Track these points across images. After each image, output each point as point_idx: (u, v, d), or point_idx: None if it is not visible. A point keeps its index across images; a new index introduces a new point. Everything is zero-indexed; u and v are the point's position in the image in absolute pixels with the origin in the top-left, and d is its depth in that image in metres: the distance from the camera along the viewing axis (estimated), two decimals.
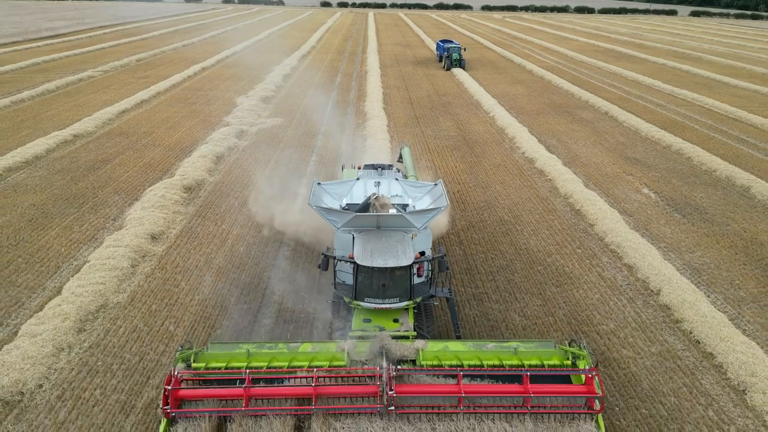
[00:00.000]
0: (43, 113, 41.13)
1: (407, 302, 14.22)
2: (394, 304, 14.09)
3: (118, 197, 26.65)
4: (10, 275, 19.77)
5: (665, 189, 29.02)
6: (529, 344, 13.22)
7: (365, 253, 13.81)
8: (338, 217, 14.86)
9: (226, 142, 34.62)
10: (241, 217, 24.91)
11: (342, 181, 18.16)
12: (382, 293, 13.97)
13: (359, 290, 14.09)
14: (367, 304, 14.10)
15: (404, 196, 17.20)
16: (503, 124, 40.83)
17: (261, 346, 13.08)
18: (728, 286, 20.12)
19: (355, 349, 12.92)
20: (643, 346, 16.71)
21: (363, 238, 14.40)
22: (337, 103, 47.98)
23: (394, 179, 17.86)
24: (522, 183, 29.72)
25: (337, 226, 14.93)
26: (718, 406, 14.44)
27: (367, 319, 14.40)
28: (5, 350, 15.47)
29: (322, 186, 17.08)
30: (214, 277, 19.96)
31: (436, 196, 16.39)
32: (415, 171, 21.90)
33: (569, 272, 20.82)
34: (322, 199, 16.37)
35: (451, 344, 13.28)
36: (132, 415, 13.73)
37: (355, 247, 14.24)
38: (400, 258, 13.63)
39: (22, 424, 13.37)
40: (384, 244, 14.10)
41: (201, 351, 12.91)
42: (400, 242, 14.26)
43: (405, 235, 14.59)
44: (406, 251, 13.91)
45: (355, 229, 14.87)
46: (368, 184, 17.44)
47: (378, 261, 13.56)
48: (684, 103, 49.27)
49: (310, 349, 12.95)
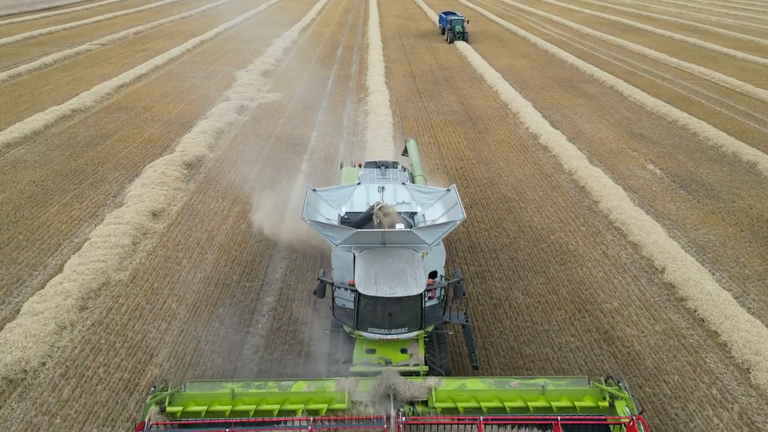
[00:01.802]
0: (40, 88, 40.58)
1: (417, 332, 12.40)
2: (402, 335, 12.27)
3: (118, 173, 26.40)
4: (11, 252, 19.66)
5: (671, 165, 28.69)
6: (559, 381, 11.41)
7: (368, 278, 11.86)
8: (337, 233, 12.73)
9: (226, 117, 34.19)
10: (242, 193, 24.68)
11: (340, 186, 15.78)
12: (388, 323, 12.14)
13: (362, 319, 12.27)
14: (371, 335, 12.30)
15: (412, 203, 15.13)
16: (507, 98, 40.25)
17: (248, 385, 11.24)
18: (733, 264, 19.99)
19: (358, 389, 11.17)
20: (647, 325, 16.65)
21: (365, 259, 12.38)
22: (338, 77, 47.28)
23: (400, 183, 15.75)
24: (526, 159, 29.39)
25: (336, 243, 12.76)
26: (722, 385, 14.43)
27: (371, 350, 12.60)
28: (7, 328, 15.45)
29: (317, 193, 14.78)
30: (216, 255, 19.84)
31: (449, 204, 14.32)
32: (422, 169, 19.38)
33: (573, 250, 20.67)
34: (318, 208, 14.28)
35: (469, 381, 11.40)
36: (136, 393, 13.75)
37: (357, 270, 12.24)
38: (409, 285, 11.67)
39: (26, 402, 13.40)
40: (390, 267, 12.16)
41: (178, 391, 11.04)
42: (410, 264, 12.27)
43: (415, 255, 12.59)
44: (417, 276, 11.94)
45: (356, 247, 12.82)
46: (371, 190, 15.39)
47: (384, 289, 11.61)
48: (690, 77, 48.49)
49: (305, 389, 11.17)
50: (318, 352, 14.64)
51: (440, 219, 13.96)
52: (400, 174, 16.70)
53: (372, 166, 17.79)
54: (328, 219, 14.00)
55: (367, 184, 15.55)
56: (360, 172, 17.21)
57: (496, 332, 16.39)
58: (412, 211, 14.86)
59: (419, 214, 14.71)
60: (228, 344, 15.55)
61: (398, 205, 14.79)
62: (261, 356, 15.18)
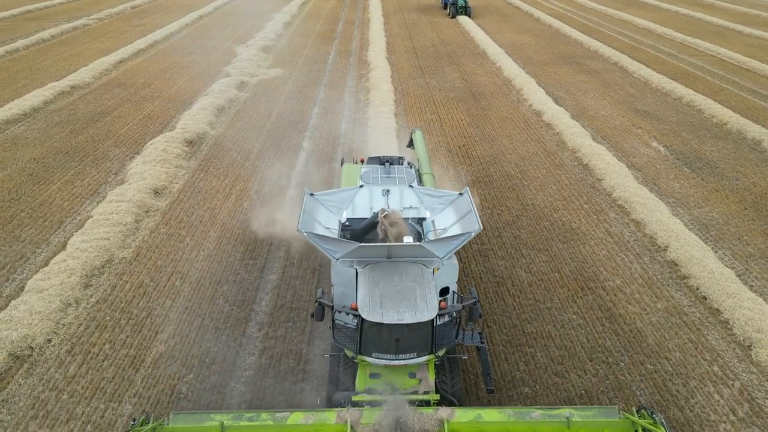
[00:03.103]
0: (38, 63, 40.13)
1: (427, 357, 11.12)
2: (411, 360, 10.97)
3: (119, 151, 26.26)
4: (14, 230, 19.66)
5: (675, 142, 28.49)
6: (586, 412, 10.20)
7: (373, 300, 10.57)
8: (337, 246, 11.61)
9: (226, 94, 33.86)
10: (244, 171, 24.57)
11: (341, 190, 14.43)
12: (395, 348, 10.79)
13: (365, 344, 10.93)
14: (376, 361, 10.99)
15: (420, 208, 13.88)
16: (510, 75, 39.80)
17: (238, 417, 10.04)
18: (736, 242, 19.98)
19: (361, 421, 10.09)
20: (650, 302, 16.71)
21: (369, 277, 11.15)
22: (339, 53, 46.70)
23: (407, 186, 14.41)
24: (529, 137, 29.17)
25: (336, 257, 11.62)
26: (723, 362, 14.53)
27: (376, 374, 11.36)
28: (12, 305, 15.52)
29: (316, 198, 13.50)
30: (218, 233, 19.84)
31: (462, 209, 12.98)
32: (430, 165, 17.75)
33: (576, 228, 20.65)
34: (316, 215, 13.08)
35: (486, 412, 10.22)
36: (142, 370, 13.87)
37: (359, 290, 10.96)
38: (419, 309, 10.38)
39: (32, 379, 13.53)
40: (397, 286, 10.89)
41: (160, 424, 9.91)
42: (419, 283, 10.98)
43: (424, 271, 11.34)
44: (428, 298, 10.62)
45: (358, 261, 11.64)
46: (374, 193, 14.09)
47: (390, 314, 10.31)
48: (696, 52, 47.85)
49: (302, 421, 10.04)
50: (321, 328, 14.72)
51: (452, 227, 12.81)
52: (406, 172, 15.55)
53: (375, 161, 16.66)
54: (328, 228, 12.94)
55: (370, 186, 14.33)
56: (362, 169, 16.12)
57: (499, 310, 16.46)
58: (421, 217, 13.73)
59: (428, 221, 13.55)
60: (232, 321, 15.64)
61: (405, 210, 13.72)
62: (265, 333, 15.28)
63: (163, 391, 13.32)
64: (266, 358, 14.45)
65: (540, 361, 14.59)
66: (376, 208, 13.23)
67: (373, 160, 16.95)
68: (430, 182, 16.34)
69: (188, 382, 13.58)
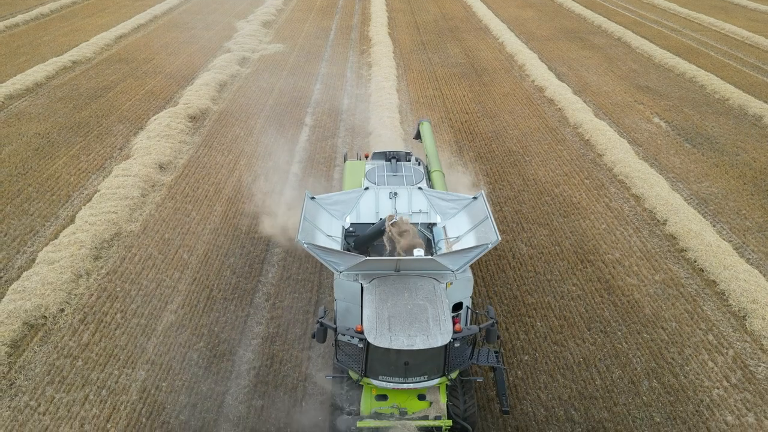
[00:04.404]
0: (39, 38, 39.92)
1: (439, 379, 10.21)
2: (421, 383, 10.05)
3: (123, 126, 26.39)
4: (22, 204, 19.94)
5: (677, 118, 28.57)
6: None
7: (380, 322, 9.62)
8: (341, 259, 10.66)
9: (228, 70, 33.81)
10: (248, 147, 24.73)
11: (344, 192, 13.36)
12: (403, 371, 9.85)
13: (372, 366, 9.99)
14: (383, 384, 10.05)
15: (430, 213, 13.01)
16: (512, 50, 39.60)
17: None
18: (735, 216, 20.26)
19: None
20: (648, 275, 17.06)
21: (376, 294, 10.19)
22: (341, 28, 46.37)
23: (416, 188, 13.36)
24: (531, 112, 29.24)
25: (339, 270, 10.70)
26: (718, 331, 14.94)
27: (383, 396, 10.45)
28: (25, 276, 15.89)
29: (317, 201, 12.53)
30: (224, 207, 20.12)
31: (476, 215, 12.00)
32: (439, 162, 16.41)
33: (577, 203, 20.91)
34: (317, 221, 12.09)
35: None
36: (153, 338, 14.29)
37: (365, 309, 9.96)
38: (431, 333, 9.44)
39: (47, 346, 13.95)
40: (406, 305, 9.92)
41: None
42: (431, 301, 10.01)
43: (437, 287, 10.37)
44: (441, 320, 9.66)
45: (364, 274, 10.72)
46: (381, 196, 13.10)
47: (399, 339, 9.38)
48: (700, 27, 47.47)
49: None
50: (328, 298, 15.10)
51: (466, 236, 11.87)
52: (414, 170, 14.65)
53: (380, 157, 15.64)
54: (330, 236, 11.97)
55: (376, 189, 13.28)
56: (367, 166, 15.04)
57: (500, 282, 16.83)
58: (431, 222, 12.88)
59: (439, 226, 12.69)
60: (240, 292, 16.03)
61: (414, 214, 12.85)
62: (272, 303, 15.68)
63: (175, 358, 13.77)
64: (273, 327, 14.88)
65: (540, 331, 15.01)
66: (383, 212, 12.45)
67: (378, 155, 15.93)
68: (440, 181, 15.28)
69: (199, 350, 14.04)
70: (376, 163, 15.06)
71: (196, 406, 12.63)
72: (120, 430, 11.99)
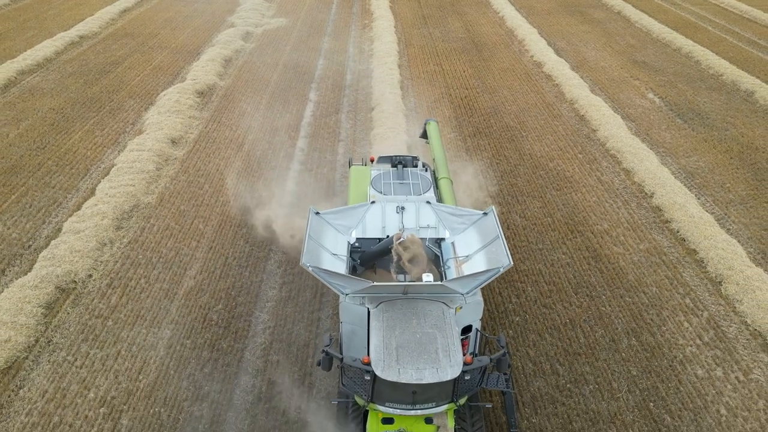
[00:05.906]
0: (44, 12, 40.38)
1: (447, 405, 10.06)
2: (429, 410, 9.92)
3: (134, 102, 27.29)
4: (43, 177, 21.04)
5: (670, 94, 29.41)
6: None
7: (388, 353, 9.40)
8: (347, 282, 10.41)
9: (232, 45, 34.47)
10: (255, 122, 25.69)
11: (349, 207, 12.87)
12: (411, 398, 9.71)
13: (378, 393, 9.77)
14: (390, 410, 9.93)
15: (439, 228, 12.65)
16: (513, 25, 40.10)
17: None
18: (719, 189, 21.37)
19: None
20: (633, 244, 18.27)
21: (383, 320, 9.99)
22: (342, 1, 46.65)
23: (424, 202, 12.91)
24: (529, 88, 30.07)
25: (345, 293, 10.48)
26: (695, 295, 16.22)
27: (389, 420, 10.26)
28: (53, 245, 17.12)
29: (322, 217, 12.19)
30: (235, 180, 21.22)
31: (486, 232, 11.65)
32: (446, 169, 15.54)
33: (569, 176, 22.00)
34: (322, 239, 11.72)
35: None
36: (176, 301, 15.59)
37: (372, 338, 9.79)
38: (441, 366, 9.27)
39: (79, 308, 15.25)
40: (415, 334, 9.71)
41: None
42: (440, 329, 9.80)
43: (446, 312, 10.17)
44: (451, 351, 9.43)
45: (370, 297, 10.50)
46: (387, 210, 12.73)
47: (408, 372, 9.16)
48: (699, 1, 47.74)
49: None
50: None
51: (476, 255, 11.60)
52: (420, 177, 14.37)
53: (386, 161, 15.34)
54: (335, 254, 11.72)
55: (382, 203, 12.90)
56: (373, 172, 14.70)
57: None
58: (439, 238, 12.60)
59: (447, 242, 12.43)
60: (253, 260, 17.27)
61: (422, 229, 12.52)
62: (284, 270, 16.92)
63: (197, 318, 15.09)
64: (286, 291, 16.16)
65: (530, 295, 16.29)
66: (389, 227, 12.30)
67: (384, 159, 15.49)
68: (448, 188, 14.64)
69: (218, 312, 15.35)
70: (381, 170, 14.77)
71: (218, 361, 13.98)
72: (151, 381, 13.36)
